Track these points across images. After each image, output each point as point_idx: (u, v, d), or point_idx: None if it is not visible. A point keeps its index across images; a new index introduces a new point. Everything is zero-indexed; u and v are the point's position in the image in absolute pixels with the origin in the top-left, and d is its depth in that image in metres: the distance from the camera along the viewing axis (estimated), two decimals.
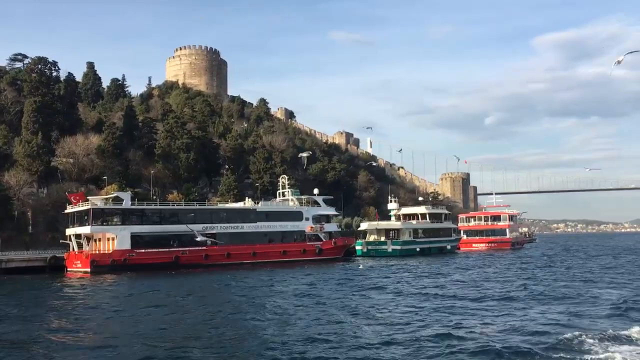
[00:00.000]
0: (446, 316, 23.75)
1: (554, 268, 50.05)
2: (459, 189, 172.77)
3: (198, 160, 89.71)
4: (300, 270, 49.51)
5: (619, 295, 29.11)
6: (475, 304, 27.25)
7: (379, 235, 75.44)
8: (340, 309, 25.96)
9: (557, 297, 29.05)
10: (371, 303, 28.07)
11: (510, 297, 29.68)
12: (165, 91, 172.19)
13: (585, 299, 28.39)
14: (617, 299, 27.58)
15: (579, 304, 26.60)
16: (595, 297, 28.98)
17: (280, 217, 61.09)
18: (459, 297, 30.15)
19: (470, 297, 30.02)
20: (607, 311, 24.06)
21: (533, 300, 28.57)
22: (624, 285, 34.28)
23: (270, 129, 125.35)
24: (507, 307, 26.04)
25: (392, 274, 44.52)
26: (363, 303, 28.07)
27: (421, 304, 27.63)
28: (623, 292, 31.07)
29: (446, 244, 79.11)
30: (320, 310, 25.65)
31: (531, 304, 26.93)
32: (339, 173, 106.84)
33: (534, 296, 29.94)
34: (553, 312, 24.18)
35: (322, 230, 63.83)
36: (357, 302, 28.27)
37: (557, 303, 27.09)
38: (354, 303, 28.08)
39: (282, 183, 67.29)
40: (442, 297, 30.03)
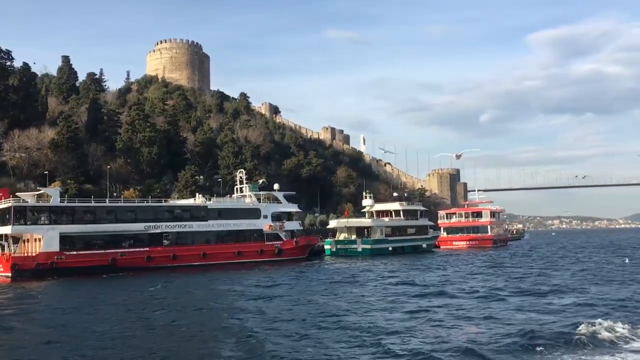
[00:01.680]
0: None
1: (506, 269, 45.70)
2: (447, 185, 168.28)
3: (162, 155, 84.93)
4: (246, 274, 44.79)
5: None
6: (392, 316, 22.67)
7: (349, 233, 70.69)
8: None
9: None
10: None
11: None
12: (144, 86, 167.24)
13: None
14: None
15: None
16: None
17: (234, 214, 56.19)
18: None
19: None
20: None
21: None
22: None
23: (246, 123, 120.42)
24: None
25: (328, 283, 38.13)
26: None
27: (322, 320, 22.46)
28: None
29: (422, 243, 74.42)
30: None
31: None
32: (315, 168, 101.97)
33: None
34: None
35: (283, 228, 59.02)
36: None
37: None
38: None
39: (239, 178, 62.29)
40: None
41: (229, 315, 23.76)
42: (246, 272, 46.40)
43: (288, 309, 25.25)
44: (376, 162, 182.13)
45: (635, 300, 25.82)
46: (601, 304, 24.88)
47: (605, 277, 37.39)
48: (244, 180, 61.75)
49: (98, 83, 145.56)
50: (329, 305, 26.13)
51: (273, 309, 25.06)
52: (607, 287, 31.26)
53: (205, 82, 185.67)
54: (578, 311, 22.92)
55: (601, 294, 28.39)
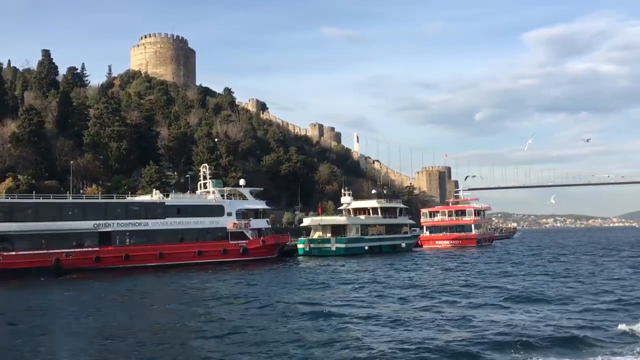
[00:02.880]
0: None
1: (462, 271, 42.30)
2: (436, 183, 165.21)
3: (132, 150, 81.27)
4: (196, 275, 41.37)
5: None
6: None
7: (324, 232, 67.30)
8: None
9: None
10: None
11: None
12: (127, 81, 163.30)
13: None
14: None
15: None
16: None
17: (195, 212, 52.63)
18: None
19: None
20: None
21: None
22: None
23: (227, 118, 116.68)
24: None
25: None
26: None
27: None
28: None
29: (401, 242, 71.08)
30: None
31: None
32: (295, 165, 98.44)
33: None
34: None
35: (249, 227, 55.54)
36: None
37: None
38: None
39: (202, 173, 58.68)
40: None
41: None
42: (199, 273, 43.00)
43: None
44: (364, 159, 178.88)
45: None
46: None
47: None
48: (207, 176, 58.06)
49: (79, 78, 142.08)
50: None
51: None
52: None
53: (190, 78, 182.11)
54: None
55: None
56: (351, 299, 26.97)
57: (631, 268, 42.08)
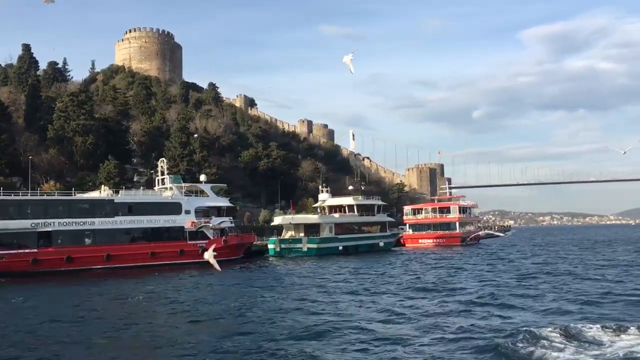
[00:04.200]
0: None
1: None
2: (426, 181, 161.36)
3: (99, 145, 77.37)
4: (134, 280, 37.59)
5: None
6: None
7: (297, 231, 63.53)
8: None
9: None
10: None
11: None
12: (110, 76, 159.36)
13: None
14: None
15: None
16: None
17: (149, 209, 48.75)
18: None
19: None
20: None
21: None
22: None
23: (207, 113, 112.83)
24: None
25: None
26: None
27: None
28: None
29: (379, 241, 67.22)
30: None
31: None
32: (275, 161, 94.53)
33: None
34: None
35: (209, 225, 51.71)
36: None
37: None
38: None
39: (160, 168, 54.73)
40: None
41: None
42: (143, 277, 39.26)
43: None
44: (354, 156, 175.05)
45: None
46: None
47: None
48: (165, 171, 54.12)
49: (60, 73, 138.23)
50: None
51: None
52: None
53: (177, 73, 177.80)
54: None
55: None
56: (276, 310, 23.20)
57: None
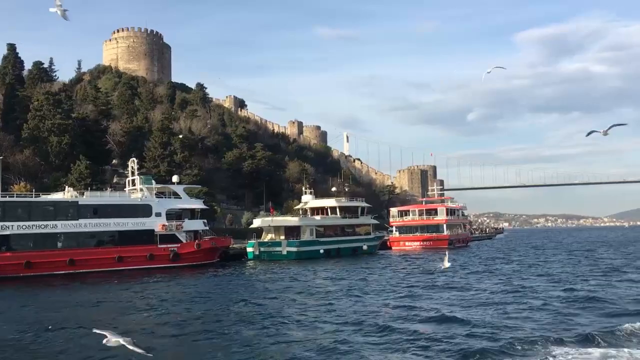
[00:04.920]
0: None
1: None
2: (417, 182, 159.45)
3: (75, 146, 74.96)
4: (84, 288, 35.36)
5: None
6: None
7: (277, 234, 61.31)
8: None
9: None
10: None
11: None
12: (96, 76, 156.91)
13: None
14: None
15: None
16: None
17: (116, 212, 46.41)
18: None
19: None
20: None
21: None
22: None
23: (192, 113, 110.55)
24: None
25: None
26: None
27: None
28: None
29: (362, 244, 65.03)
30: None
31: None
32: (259, 162, 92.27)
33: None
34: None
35: (181, 228, 49.43)
36: None
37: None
38: None
39: (131, 168, 52.40)
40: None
41: None
42: (102, 284, 37.00)
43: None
44: (345, 157, 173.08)
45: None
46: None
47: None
48: (135, 171, 51.76)
49: (46, 73, 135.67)
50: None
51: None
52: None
53: (165, 74, 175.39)
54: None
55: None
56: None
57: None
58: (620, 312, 21.48)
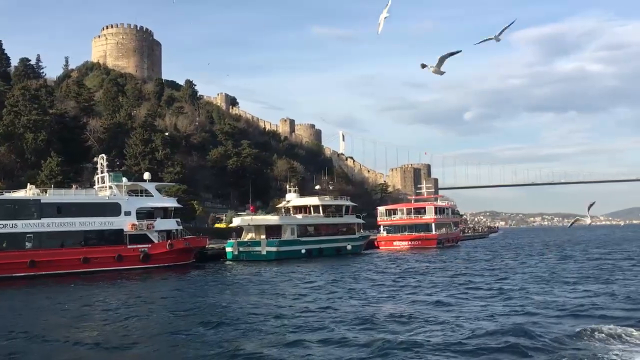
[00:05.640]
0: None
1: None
2: (410, 181, 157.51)
3: (52, 142, 72.71)
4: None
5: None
6: None
7: (257, 233, 59.20)
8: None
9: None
10: None
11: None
12: (84, 73, 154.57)
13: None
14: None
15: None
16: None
17: (82, 211, 44.19)
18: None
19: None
20: None
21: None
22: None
23: (178, 110, 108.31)
24: None
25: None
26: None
27: None
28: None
29: (346, 244, 62.88)
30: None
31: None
32: (245, 159, 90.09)
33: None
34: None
35: (152, 228, 47.25)
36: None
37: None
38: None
39: (100, 165, 50.14)
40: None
41: None
42: (58, 286, 34.85)
43: None
44: (337, 156, 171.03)
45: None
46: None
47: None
48: (104, 169, 49.52)
49: (32, 69, 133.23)
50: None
51: None
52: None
53: (155, 71, 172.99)
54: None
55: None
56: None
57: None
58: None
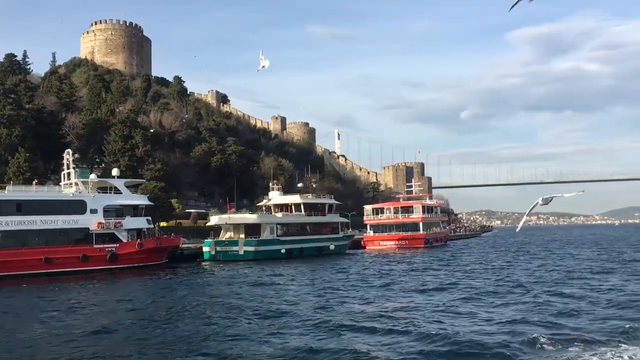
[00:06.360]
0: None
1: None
2: (402, 179, 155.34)
3: (27, 138, 70.38)
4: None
5: None
6: None
7: (237, 232, 57.02)
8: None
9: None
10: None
11: None
12: (72, 69, 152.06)
13: None
14: None
15: None
16: None
17: (44, 208, 41.90)
18: None
19: None
20: None
21: None
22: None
23: (163, 106, 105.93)
24: None
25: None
26: None
27: None
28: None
29: (328, 243, 60.70)
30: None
31: None
32: (229, 157, 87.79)
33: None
34: None
35: (120, 226, 44.98)
36: None
37: None
38: None
39: (66, 161, 47.76)
40: None
41: None
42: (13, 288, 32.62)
43: None
44: (329, 154, 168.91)
45: None
46: None
47: None
48: (70, 164, 47.16)
49: (18, 65, 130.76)
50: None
51: None
52: None
53: (145, 67, 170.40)
54: None
55: None
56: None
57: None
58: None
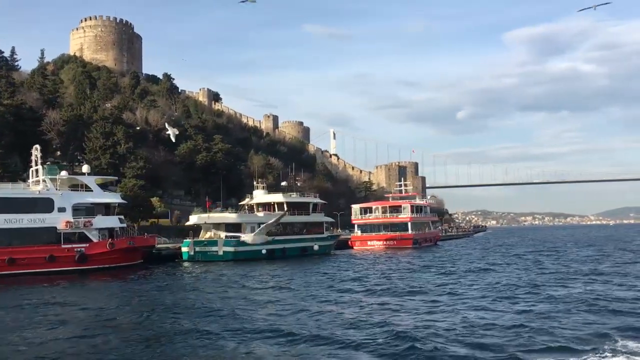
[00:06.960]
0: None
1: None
2: (395, 179, 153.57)
3: (4, 134, 68.43)
4: None
5: None
6: None
7: (217, 232, 55.11)
8: None
9: None
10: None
11: None
12: (60, 66, 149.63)
13: None
14: None
15: None
16: None
17: (8, 206, 40.02)
18: None
19: None
20: None
21: None
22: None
23: (150, 103, 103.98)
24: None
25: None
26: None
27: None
28: None
29: (312, 244, 58.87)
30: None
31: None
32: (215, 155, 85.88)
33: None
34: None
35: (90, 226, 43.05)
36: None
37: None
38: None
39: (34, 157, 45.75)
40: None
41: None
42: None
43: None
44: (321, 152, 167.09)
45: None
46: None
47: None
48: (38, 161, 45.21)
49: (6, 62, 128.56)
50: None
51: None
52: None
53: (135, 64, 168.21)
54: None
55: None
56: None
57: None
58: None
